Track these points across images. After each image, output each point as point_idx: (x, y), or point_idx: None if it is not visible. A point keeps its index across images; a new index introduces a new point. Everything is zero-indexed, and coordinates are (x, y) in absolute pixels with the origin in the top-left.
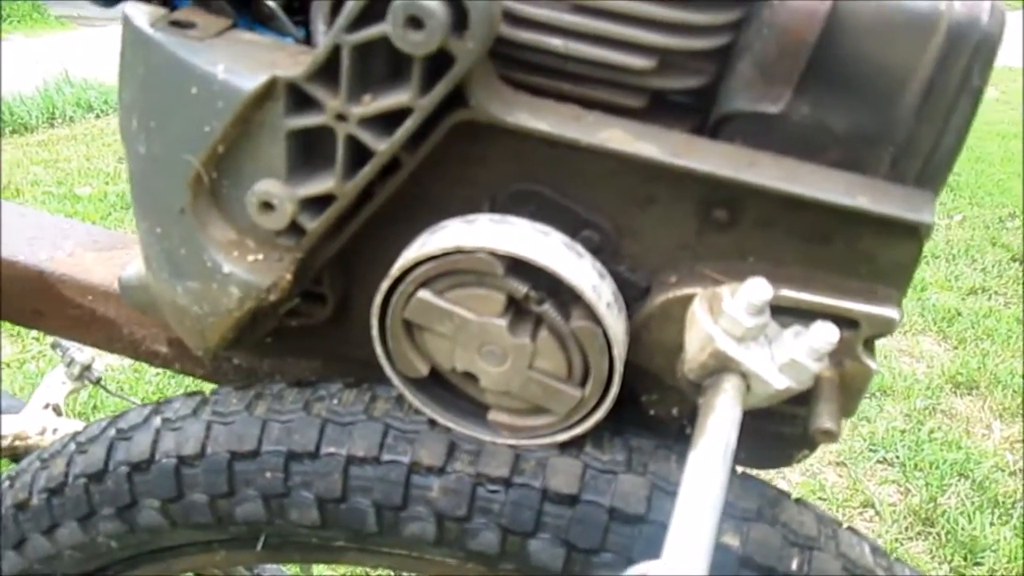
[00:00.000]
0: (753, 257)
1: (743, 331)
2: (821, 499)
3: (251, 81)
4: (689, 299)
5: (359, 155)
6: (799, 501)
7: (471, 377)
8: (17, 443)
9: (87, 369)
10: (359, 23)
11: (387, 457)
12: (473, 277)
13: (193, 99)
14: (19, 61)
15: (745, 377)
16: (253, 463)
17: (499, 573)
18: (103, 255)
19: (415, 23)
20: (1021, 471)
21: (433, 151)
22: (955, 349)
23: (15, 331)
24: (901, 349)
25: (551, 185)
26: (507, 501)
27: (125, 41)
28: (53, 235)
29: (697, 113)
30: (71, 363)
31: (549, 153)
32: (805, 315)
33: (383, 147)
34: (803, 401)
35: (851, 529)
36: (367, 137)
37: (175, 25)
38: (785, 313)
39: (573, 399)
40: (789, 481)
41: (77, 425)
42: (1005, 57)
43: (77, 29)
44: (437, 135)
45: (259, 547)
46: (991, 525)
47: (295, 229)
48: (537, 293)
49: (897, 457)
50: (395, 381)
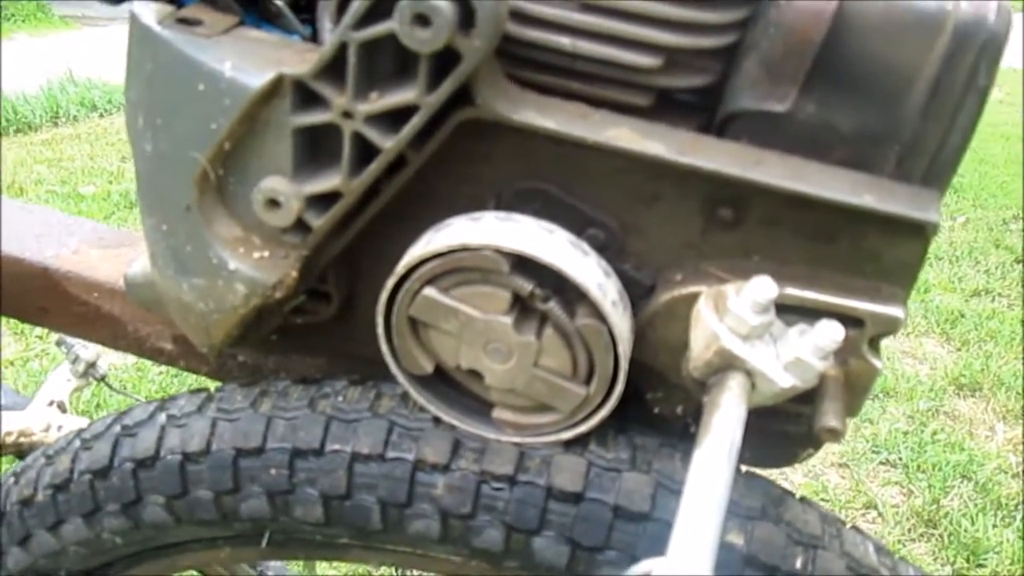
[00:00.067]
0: (758, 255)
1: (748, 329)
2: (824, 500)
3: (258, 78)
4: (694, 297)
5: (365, 152)
6: (803, 500)
7: (476, 375)
8: (22, 440)
9: (92, 366)
10: (366, 20)
11: (392, 454)
12: (478, 275)
13: (200, 96)
14: (23, 60)
15: (750, 375)
16: (258, 460)
17: (503, 571)
18: (109, 252)
19: (422, 20)
20: None
21: (439, 149)
22: (958, 351)
23: (19, 328)
24: (904, 351)
25: (557, 183)
26: (511, 499)
27: (132, 38)
28: (59, 232)
29: (703, 112)
30: (76, 360)
31: (555, 151)
32: (810, 314)
33: (389, 144)
34: (808, 400)
35: (855, 528)
36: (373, 134)
37: (182, 22)
38: (790, 311)
39: (578, 397)
40: (792, 482)
41: (82, 422)
42: (1008, 59)
43: (81, 29)
44: (443, 133)
45: (263, 544)
46: (994, 527)
47: (301, 226)
48: (542, 291)
49: (900, 459)
50: (400, 378)
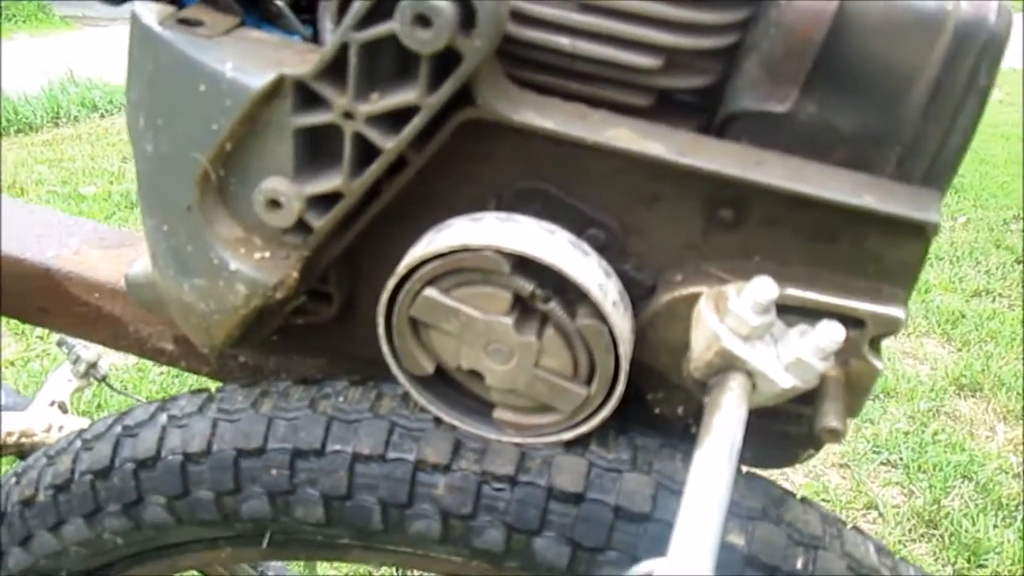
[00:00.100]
0: (759, 256)
1: (749, 330)
2: (825, 501)
3: (259, 79)
4: (695, 298)
5: (366, 153)
6: (804, 500)
7: (477, 375)
8: (23, 440)
9: (93, 367)
10: (367, 21)
11: (393, 455)
12: (479, 275)
13: (201, 97)
14: (24, 60)
15: (751, 376)
16: (259, 460)
17: (504, 571)
18: (109, 253)
19: (423, 21)
20: None
21: (440, 149)
22: (959, 351)
23: (20, 329)
24: (905, 351)
25: (557, 183)
26: (512, 499)
27: (133, 39)
28: (60, 233)
29: (703, 112)
30: (77, 361)
31: (555, 151)
32: (811, 314)
33: (390, 145)
34: (809, 400)
35: (856, 529)
36: (374, 135)
37: (183, 23)
38: (791, 312)
39: (579, 397)
40: (792, 482)
41: (83, 422)
42: (1009, 59)
43: (82, 29)
44: (444, 133)
45: (264, 544)
46: (995, 527)
47: (302, 227)
48: (543, 291)
49: (901, 459)
50: (401, 379)
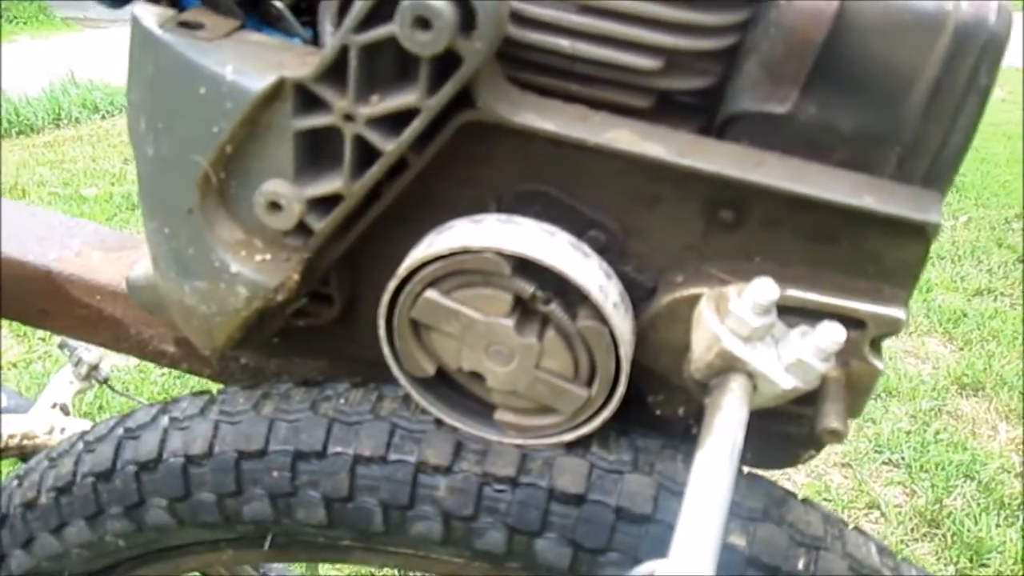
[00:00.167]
0: (759, 257)
1: (750, 331)
2: (826, 500)
3: (259, 82)
4: (696, 299)
5: (366, 155)
6: (805, 501)
7: (478, 377)
8: (25, 442)
9: (94, 369)
10: (367, 24)
11: (394, 456)
12: (480, 277)
13: (201, 100)
14: (25, 62)
15: (752, 377)
16: (260, 462)
17: (505, 572)
18: (111, 255)
19: (423, 23)
20: None
21: (440, 151)
22: (961, 350)
23: (22, 331)
24: (907, 350)
25: (557, 185)
26: (513, 500)
27: (134, 42)
28: (61, 235)
29: (704, 113)
30: (78, 363)
31: (556, 153)
32: (812, 315)
33: (390, 147)
34: (810, 401)
35: (857, 529)
36: (374, 137)
37: (184, 26)
38: (792, 313)
39: (579, 399)
40: (794, 482)
41: (85, 425)
42: (1010, 58)
43: (83, 31)
44: (444, 135)
45: (266, 546)
46: (997, 527)
47: (302, 229)
48: (544, 293)
49: (903, 458)
50: (402, 381)
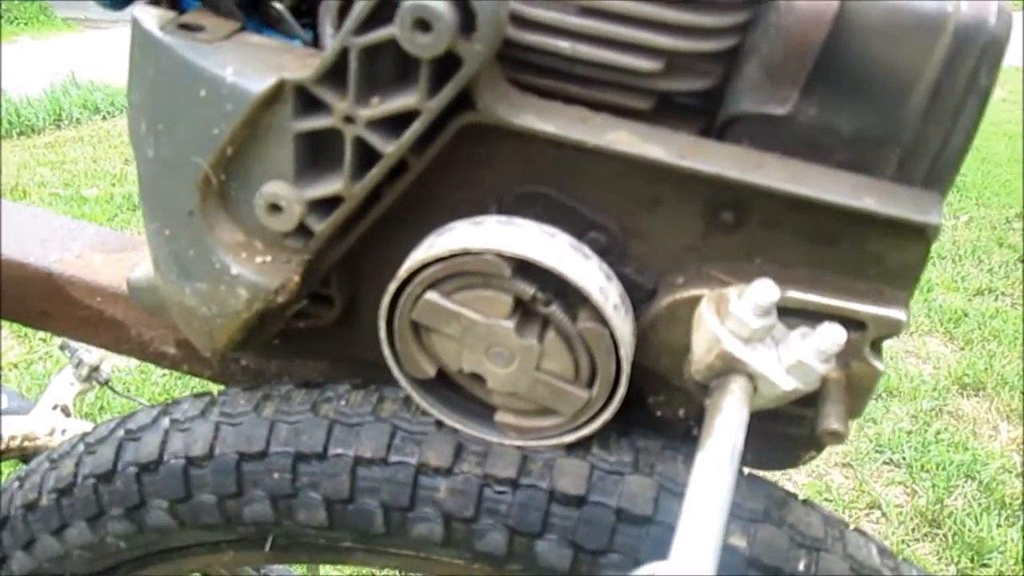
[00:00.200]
0: (760, 258)
1: (750, 332)
2: (827, 500)
3: (260, 84)
4: (696, 300)
5: (367, 157)
6: (806, 502)
7: (478, 378)
8: (26, 444)
9: (95, 370)
10: (367, 26)
11: (394, 458)
12: (480, 279)
13: (202, 102)
14: (26, 63)
15: (752, 378)
16: (261, 464)
17: (506, 574)
18: (112, 257)
19: (423, 25)
20: None
21: (440, 153)
22: (962, 350)
23: (23, 332)
24: (907, 350)
25: (558, 187)
26: (514, 502)
27: (134, 44)
28: (62, 236)
29: (704, 115)
30: (79, 364)
31: (556, 155)
32: (812, 316)
33: (391, 149)
34: (810, 402)
35: (858, 530)
36: (375, 139)
37: (184, 28)
38: (792, 314)
39: (580, 400)
40: (795, 482)
41: (86, 426)
42: (1011, 58)
43: (83, 31)
44: (444, 137)
45: (267, 548)
46: (998, 527)
47: (303, 231)
48: (544, 295)
49: (903, 458)
50: (402, 382)
